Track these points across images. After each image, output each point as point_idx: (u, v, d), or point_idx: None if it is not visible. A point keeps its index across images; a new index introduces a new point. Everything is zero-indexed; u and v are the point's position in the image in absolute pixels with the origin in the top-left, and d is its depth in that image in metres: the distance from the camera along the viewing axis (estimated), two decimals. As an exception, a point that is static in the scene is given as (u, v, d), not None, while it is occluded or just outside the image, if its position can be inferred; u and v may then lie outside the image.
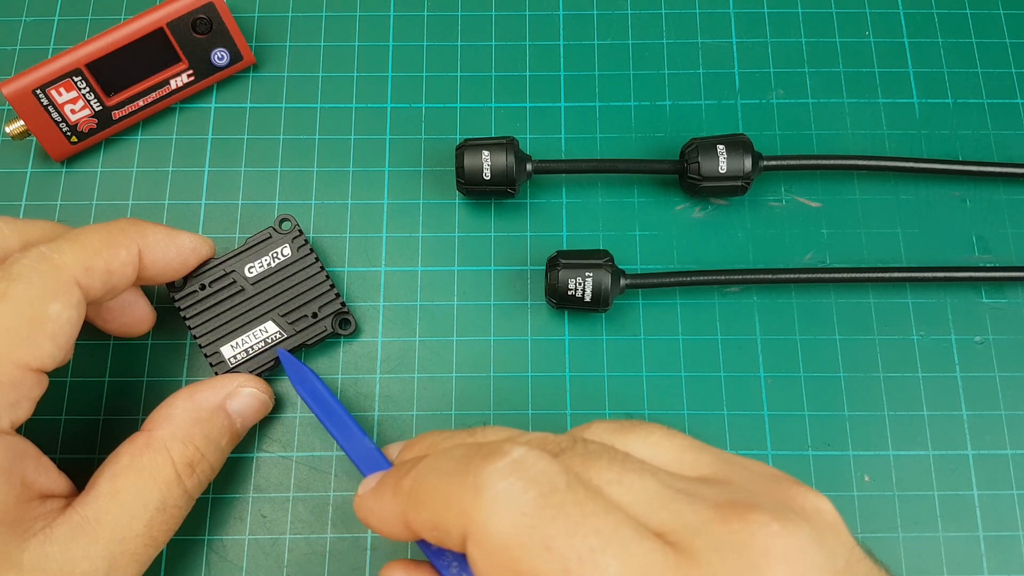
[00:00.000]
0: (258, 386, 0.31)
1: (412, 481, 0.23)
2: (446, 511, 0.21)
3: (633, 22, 0.39)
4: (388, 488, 0.24)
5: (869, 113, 0.37)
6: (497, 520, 0.19)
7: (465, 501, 0.20)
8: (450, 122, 0.37)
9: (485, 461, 0.21)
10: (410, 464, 0.23)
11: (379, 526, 0.24)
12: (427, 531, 0.22)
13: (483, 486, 0.20)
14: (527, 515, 0.19)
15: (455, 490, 0.21)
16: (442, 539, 0.21)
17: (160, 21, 0.34)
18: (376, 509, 0.24)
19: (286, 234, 0.33)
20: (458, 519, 0.20)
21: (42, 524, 0.25)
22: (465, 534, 0.20)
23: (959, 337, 0.34)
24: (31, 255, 0.26)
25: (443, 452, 0.23)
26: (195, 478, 0.28)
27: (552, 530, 0.19)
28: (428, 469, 0.22)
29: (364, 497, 0.25)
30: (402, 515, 0.23)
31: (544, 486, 0.20)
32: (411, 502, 0.22)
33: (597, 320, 0.35)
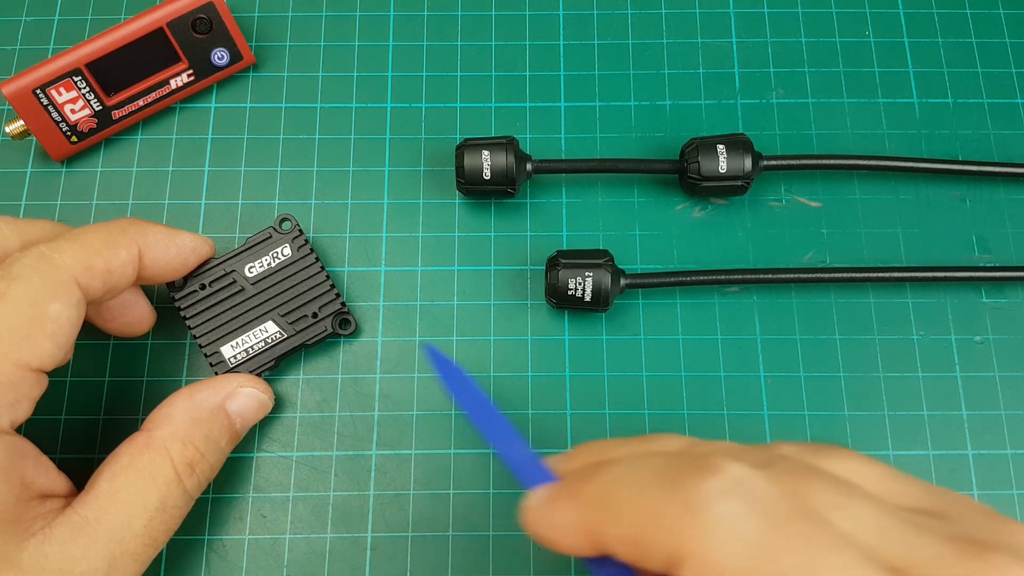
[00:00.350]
0: (258, 386, 0.31)
1: (601, 490, 0.21)
2: (651, 528, 0.19)
3: (633, 22, 0.39)
4: (567, 497, 0.22)
5: (869, 113, 0.37)
6: (721, 547, 0.18)
7: (679, 521, 0.19)
8: (450, 122, 0.37)
9: (699, 478, 0.19)
10: (589, 471, 0.22)
11: (556, 538, 0.22)
12: (622, 546, 0.20)
13: (701, 507, 0.19)
14: (755, 544, 0.18)
15: (663, 507, 0.19)
16: (642, 557, 0.20)
17: (160, 21, 0.34)
18: (554, 520, 0.22)
19: (286, 234, 0.33)
20: (667, 539, 0.19)
21: (41, 524, 0.25)
22: (677, 557, 0.19)
23: (959, 337, 0.34)
24: (31, 255, 0.26)
25: (635, 460, 0.21)
26: (195, 478, 0.28)
27: (784, 563, 0.18)
28: (622, 478, 0.21)
29: (537, 508, 0.23)
30: (588, 527, 0.21)
31: (769, 511, 0.18)
32: (603, 514, 0.21)
33: (597, 320, 0.35)
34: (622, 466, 0.21)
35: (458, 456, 0.33)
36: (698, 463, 0.20)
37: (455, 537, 0.32)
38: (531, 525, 0.23)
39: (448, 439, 0.33)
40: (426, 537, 0.32)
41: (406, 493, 0.32)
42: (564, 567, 0.31)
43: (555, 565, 0.32)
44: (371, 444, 0.33)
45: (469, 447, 0.33)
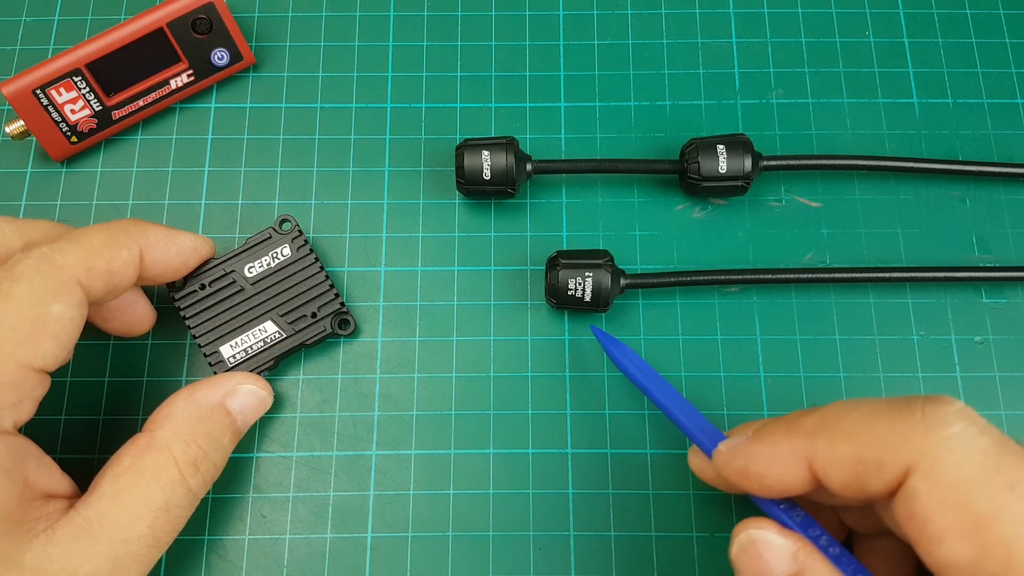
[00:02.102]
0: (257, 383, 0.31)
1: (821, 420, 0.23)
2: (883, 445, 0.22)
3: (633, 22, 0.39)
4: (779, 430, 0.24)
5: (869, 113, 0.37)
6: (957, 457, 0.21)
7: (914, 435, 0.21)
8: (450, 122, 0.37)
9: (934, 403, 0.22)
10: (800, 412, 0.24)
11: (765, 469, 0.24)
12: (844, 468, 0.22)
13: (937, 425, 0.21)
14: (989, 456, 0.21)
15: (899, 426, 0.22)
16: (866, 476, 0.22)
17: (160, 21, 0.34)
18: (763, 451, 0.24)
19: (286, 234, 0.33)
20: (903, 452, 0.21)
21: (44, 525, 0.25)
22: (910, 467, 0.21)
23: (959, 337, 0.34)
24: (33, 255, 0.26)
25: (857, 400, 0.24)
26: (199, 477, 0.28)
27: (1014, 475, 0.20)
28: (847, 409, 0.23)
29: (742, 444, 0.25)
30: (805, 452, 0.23)
31: (997, 436, 0.21)
32: (825, 438, 0.23)
33: (597, 320, 0.35)
34: (840, 404, 0.24)
35: (458, 456, 0.33)
36: (927, 396, 0.22)
37: (455, 537, 0.32)
38: (735, 461, 0.25)
39: (448, 439, 0.33)
40: (426, 537, 0.32)
41: (406, 493, 0.32)
42: (563, 568, 0.32)
43: (553, 564, 0.32)
44: (371, 444, 0.33)
45: (469, 447, 0.33)
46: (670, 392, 0.30)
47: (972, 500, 0.20)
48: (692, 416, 0.28)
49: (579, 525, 0.32)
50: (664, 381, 0.30)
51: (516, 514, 0.32)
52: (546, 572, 0.31)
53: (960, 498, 0.20)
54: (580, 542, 0.32)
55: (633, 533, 0.32)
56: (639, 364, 0.31)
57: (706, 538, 0.32)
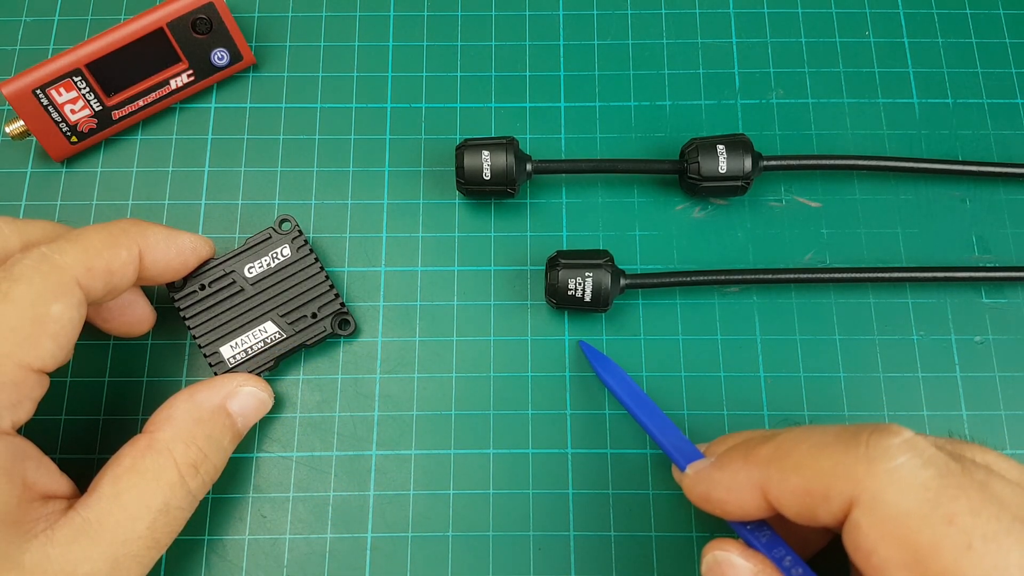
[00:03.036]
0: (257, 384, 0.31)
1: (774, 450, 0.24)
2: (828, 478, 0.22)
3: (633, 22, 0.39)
4: (737, 459, 0.25)
5: (869, 113, 0.37)
6: (897, 491, 0.21)
7: (857, 469, 0.21)
8: (450, 122, 0.37)
9: (880, 436, 0.22)
10: (759, 439, 0.25)
11: (723, 496, 0.25)
12: (793, 498, 0.23)
13: (880, 458, 0.21)
14: (930, 490, 0.21)
15: (842, 458, 0.22)
16: (813, 506, 0.22)
17: (160, 21, 0.34)
18: (722, 480, 0.25)
19: (286, 234, 0.33)
20: (847, 485, 0.21)
21: (44, 525, 0.25)
22: (852, 501, 0.21)
23: (959, 337, 0.34)
24: (32, 256, 0.26)
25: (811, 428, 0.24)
26: (199, 479, 0.28)
27: (955, 508, 0.20)
28: (799, 439, 0.23)
29: (705, 470, 0.26)
30: (759, 481, 0.24)
31: (940, 467, 0.21)
32: (778, 469, 0.23)
33: (597, 320, 0.35)
34: (795, 432, 0.24)
35: (458, 456, 0.33)
36: (875, 426, 0.22)
37: (455, 537, 0.32)
38: (696, 487, 0.26)
39: (448, 439, 0.33)
40: (426, 537, 0.32)
41: (406, 493, 0.32)
42: (563, 568, 0.32)
43: (553, 564, 0.32)
44: (371, 444, 0.33)
45: (469, 447, 0.33)
46: (650, 408, 0.30)
47: (912, 533, 0.20)
48: (669, 433, 0.29)
49: (579, 525, 0.32)
50: (646, 398, 0.31)
51: (516, 514, 0.32)
52: (546, 572, 0.31)
53: (900, 531, 0.20)
54: (580, 542, 0.32)
55: (633, 533, 0.32)
56: (621, 380, 0.31)
57: (706, 538, 0.32)
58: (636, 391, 0.31)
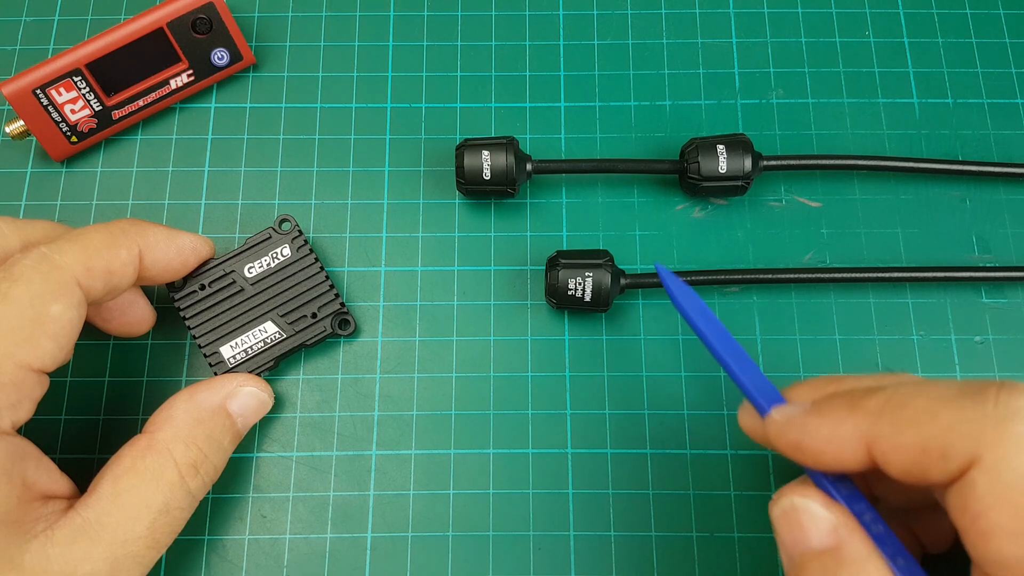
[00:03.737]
0: (258, 385, 0.31)
1: (886, 401, 0.22)
2: (949, 434, 0.21)
3: (633, 22, 0.39)
4: (842, 407, 0.23)
5: (869, 113, 0.37)
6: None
7: (984, 428, 0.20)
8: (450, 122, 0.37)
9: (1011, 394, 0.21)
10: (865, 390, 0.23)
11: (822, 446, 0.23)
12: (906, 454, 0.21)
13: (1011, 417, 0.20)
14: None
15: (968, 415, 0.21)
16: (927, 465, 0.21)
17: (160, 21, 0.34)
18: (823, 427, 0.23)
19: (286, 234, 0.33)
20: (968, 443, 0.20)
21: (43, 526, 0.25)
22: (974, 459, 0.20)
23: (959, 337, 0.34)
24: (32, 256, 0.26)
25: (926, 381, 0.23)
26: (199, 479, 0.28)
27: None
28: (914, 392, 0.22)
29: (800, 417, 0.24)
30: (866, 434, 0.22)
31: None
32: (889, 422, 0.22)
33: (597, 320, 0.35)
34: (908, 385, 0.23)
35: (458, 456, 0.33)
36: (1004, 383, 0.21)
37: (455, 537, 0.32)
38: (790, 433, 0.24)
39: (448, 439, 0.33)
40: (426, 537, 0.32)
41: (406, 493, 0.32)
42: (563, 568, 0.32)
43: (553, 564, 0.32)
44: (371, 444, 0.33)
45: (469, 447, 0.33)
46: (730, 343, 0.28)
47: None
48: (750, 372, 0.27)
49: (579, 525, 0.32)
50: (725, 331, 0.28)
51: (516, 514, 0.32)
52: (546, 572, 0.31)
53: (1019, 498, 0.20)
54: (580, 542, 0.32)
55: (633, 533, 0.32)
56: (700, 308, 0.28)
57: (706, 538, 0.32)
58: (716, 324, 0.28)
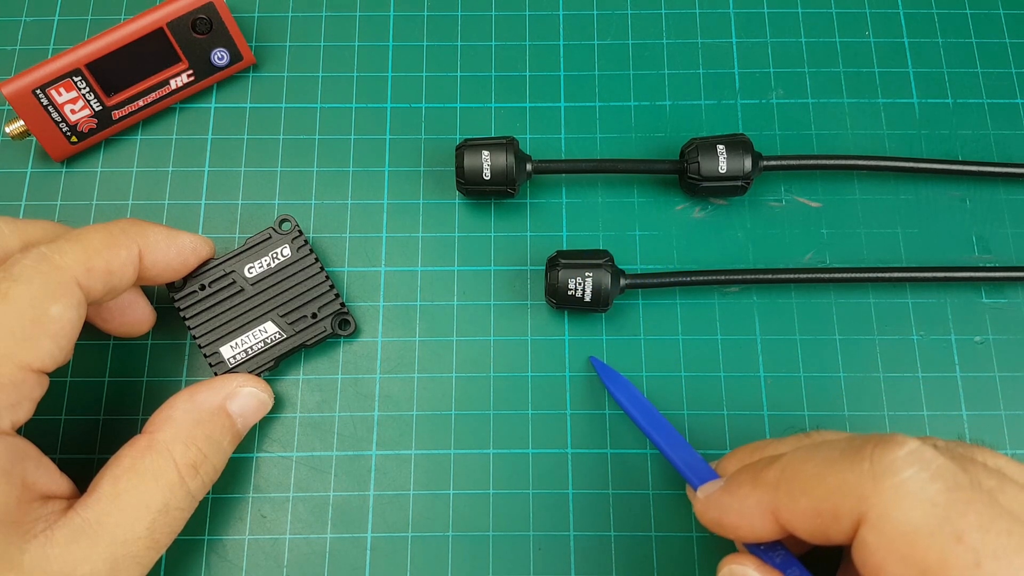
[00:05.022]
0: (257, 385, 0.31)
1: (782, 471, 0.23)
2: (837, 497, 0.21)
3: (633, 22, 0.39)
4: (745, 483, 0.24)
5: (869, 113, 0.37)
6: (904, 507, 0.20)
7: (863, 487, 0.21)
8: (450, 122, 0.37)
9: (885, 449, 0.21)
10: (764, 462, 0.24)
11: (735, 522, 0.24)
12: (805, 520, 0.22)
13: (885, 472, 0.20)
14: (937, 505, 0.20)
15: (849, 476, 0.21)
16: (825, 527, 0.22)
17: (160, 21, 0.34)
18: (732, 505, 0.24)
19: (286, 234, 0.33)
20: (854, 503, 0.21)
21: (43, 526, 0.25)
22: (860, 519, 0.21)
23: (959, 337, 0.34)
24: (32, 256, 0.26)
25: (810, 447, 0.23)
26: (199, 479, 0.28)
27: (963, 523, 0.20)
28: (804, 459, 0.23)
29: (715, 496, 0.25)
30: (769, 505, 0.23)
31: (949, 480, 0.20)
32: (785, 491, 0.23)
33: (597, 320, 0.35)
34: (805, 450, 0.23)
35: (458, 456, 0.33)
36: (880, 438, 0.22)
37: (455, 537, 0.32)
38: (708, 512, 0.25)
39: (448, 439, 0.33)
40: (426, 537, 0.32)
41: (406, 493, 0.32)
42: (563, 568, 0.32)
43: (553, 564, 0.32)
44: (371, 444, 0.33)
45: (469, 447, 0.33)
46: (662, 425, 0.30)
47: (919, 551, 0.20)
48: (683, 452, 0.29)
49: (579, 525, 0.32)
50: (658, 414, 0.30)
51: (516, 514, 0.32)
52: (546, 572, 0.31)
53: (907, 549, 0.20)
54: (580, 542, 0.32)
55: (633, 533, 0.32)
56: (632, 397, 0.31)
57: (706, 538, 0.32)
58: (648, 408, 0.31)
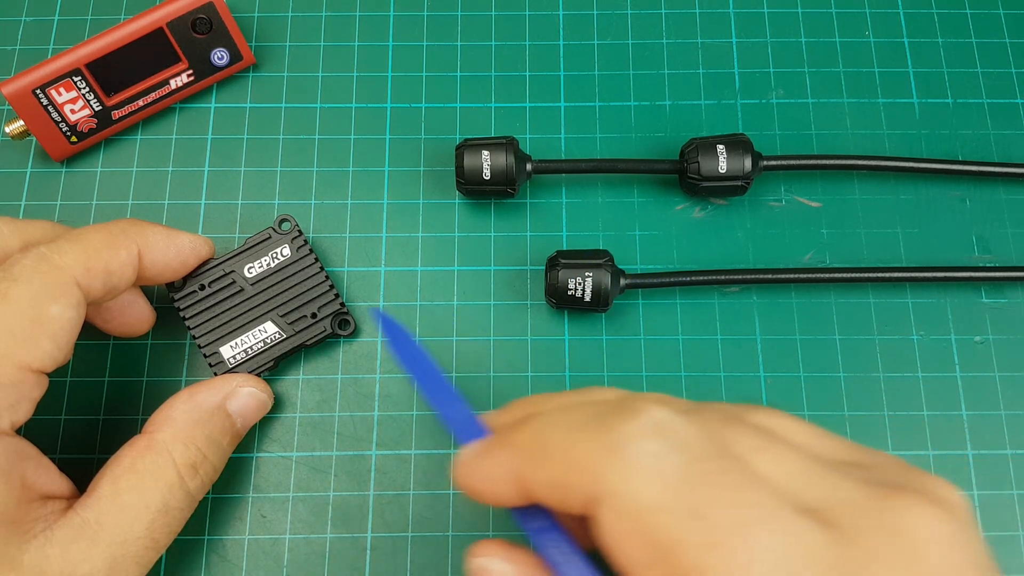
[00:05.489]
0: (257, 385, 0.31)
1: (530, 437, 0.21)
2: (573, 469, 0.19)
3: (633, 22, 0.39)
4: (498, 446, 0.22)
5: (869, 113, 0.37)
6: (637, 483, 0.18)
7: (598, 461, 0.19)
8: (450, 122, 0.37)
9: (622, 419, 0.19)
10: (521, 422, 0.22)
11: (486, 488, 0.22)
12: (545, 490, 0.20)
13: (621, 446, 0.19)
14: (674, 480, 0.18)
15: (586, 447, 0.19)
16: (564, 499, 0.20)
17: (160, 21, 0.34)
18: (484, 469, 0.22)
19: (286, 234, 0.33)
20: (588, 479, 0.19)
21: (43, 526, 0.25)
22: (595, 496, 0.19)
23: (959, 337, 0.34)
24: (31, 256, 0.26)
25: (566, 407, 0.21)
26: (198, 479, 0.28)
27: (700, 498, 0.18)
28: (550, 424, 0.21)
29: (468, 459, 0.23)
30: (516, 473, 0.21)
31: (690, 451, 0.19)
32: (529, 459, 0.21)
33: (597, 320, 0.35)
34: (552, 414, 0.21)
35: (458, 456, 0.33)
36: (622, 407, 0.20)
37: (455, 537, 0.32)
38: (461, 477, 0.23)
39: (448, 439, 0.33)
40: (426, 537, 0.32)
41: (406, 493, 0.32)
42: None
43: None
44: (371, 444, 0.33)
45: (469, 447, 0.33)
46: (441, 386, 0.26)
47: (656, 530, 0.18)
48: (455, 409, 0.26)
49: (579, 525, 0.32)
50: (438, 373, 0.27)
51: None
52: (546, 572, 0.31)
53: (643, 528, 0.18)
54: (580, 542, 0.32)
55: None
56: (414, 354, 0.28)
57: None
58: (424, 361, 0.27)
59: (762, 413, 0.22)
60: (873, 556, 0.18)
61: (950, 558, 0.18)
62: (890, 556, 0.18)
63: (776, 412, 0.22)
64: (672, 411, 0.20)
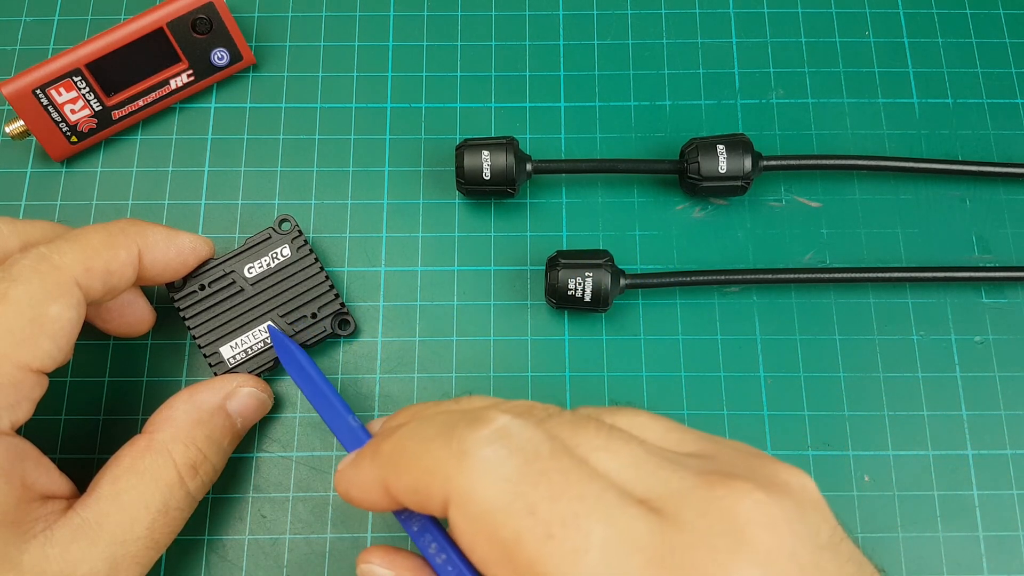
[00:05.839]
0: (257, 385, 0.31)
1: (391, 447, 0.23)
2: (428, 476, 0.21)
3: (633, 22, 0.39)
4: (367, 456, 0.24)
5: (869, 113, 0.37)
6: (480, 486, 0.20)
7: (448, 467, 0.20)
8: (450, 122, 0.37)
9: (469, 428, 0.21)
10: (390, 431, 0.23)
11: (359, 496, 0.24)
12: (408, 496, 0.22)
13: (466, 452, 0.20)
14: (510, 481, 0.20)
15: (438, 456, 0.21)
16: (424, 504, 0.21)
17: (160, 21, 0.34)
18: (355, 478, 0.24)
19: (286, 234, 0.33)
20: (441, 485, 0.20)
21: (43, 526, 0.25)
22: (447, 500, 0.20)
23: (959, 337, 0.34)
24: (31, 256, 0.26)
25: (425, 419, 0.23)
26: (198, 479, 0.28)
27: (535, 496, 0.19)
28: (409, 435, 0.22)
29: (343, 468, 0.25)
30: (382, 481, 0.23)
31: (528, 453, 0.20)
32: (391, 468, 0.22)
33: (597, 320, 0.35)
34: (413, 425, 0.23)
35: (458, 456, 0.33)
36: (475, 416, 0.21)
37: (455, 537, 0.32)
38: (338, 485, 0.25)
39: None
40: (426, 537, 0.32)
41: (406, 493, 0.32)
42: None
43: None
44: (371, 444, 0.33)
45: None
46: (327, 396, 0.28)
47: (498, 528, 0.19)
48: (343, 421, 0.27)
49: (579, 525, 0.32)
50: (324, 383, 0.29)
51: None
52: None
53: (488, 529, 0.20)
54: (580, 542, 0.32)
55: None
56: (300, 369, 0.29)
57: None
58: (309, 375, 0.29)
59: (620, 413, 0.23)
60: (698, 540, 0.19)
61: (780, 540, 0.19)
62: (714, 540, 0.19)
63: (635, 411, 0.24)
64: (518, 417, 0.21)
